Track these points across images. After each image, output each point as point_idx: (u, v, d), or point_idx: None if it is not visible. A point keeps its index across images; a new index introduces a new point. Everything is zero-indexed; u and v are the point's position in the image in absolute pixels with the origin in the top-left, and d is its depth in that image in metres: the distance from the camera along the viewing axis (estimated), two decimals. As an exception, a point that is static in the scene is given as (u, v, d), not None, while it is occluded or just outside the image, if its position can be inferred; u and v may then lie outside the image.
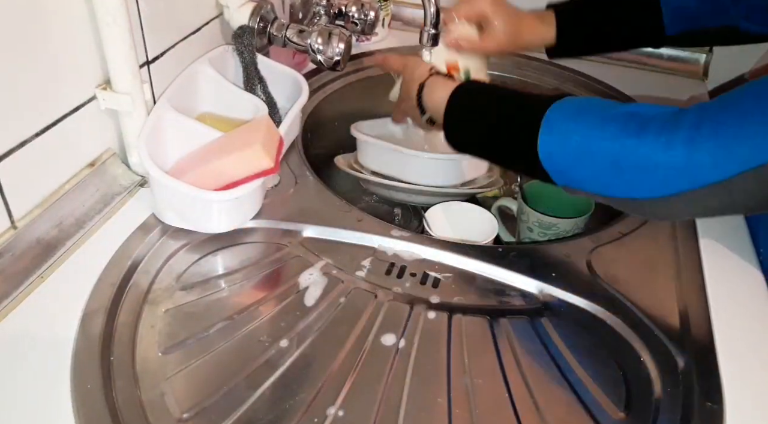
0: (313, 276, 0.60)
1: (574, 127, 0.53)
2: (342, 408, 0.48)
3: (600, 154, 0.51)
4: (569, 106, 0.55)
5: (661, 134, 0.48)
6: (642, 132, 0.49)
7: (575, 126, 0.53)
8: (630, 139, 0.49)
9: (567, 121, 0.54)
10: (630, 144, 0.49)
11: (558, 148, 0.53)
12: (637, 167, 0.49)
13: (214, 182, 0.60)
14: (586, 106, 0.55)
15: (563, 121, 0.54)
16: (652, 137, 0.48)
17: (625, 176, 0.50)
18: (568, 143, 0.53)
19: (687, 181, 0.47)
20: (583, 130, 0.52)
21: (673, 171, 0.47)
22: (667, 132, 0.48)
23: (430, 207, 0.79)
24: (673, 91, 1.00)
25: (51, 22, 0.54)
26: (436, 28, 0.75)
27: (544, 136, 0.54)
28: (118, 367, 0.50)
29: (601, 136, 0.51)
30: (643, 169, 0.49)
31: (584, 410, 0.49)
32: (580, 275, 0.61)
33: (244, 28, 0.76)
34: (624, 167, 0.50)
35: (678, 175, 0.47)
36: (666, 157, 0.47)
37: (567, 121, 0.54)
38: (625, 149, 0.49)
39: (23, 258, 0.55)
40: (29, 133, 0.55)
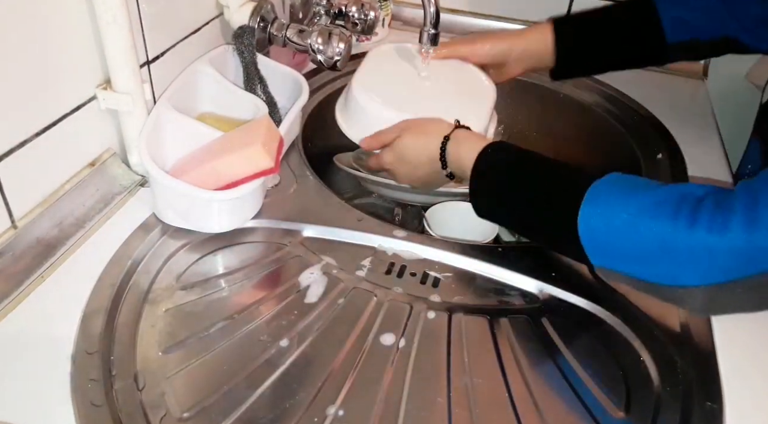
0: (313, 276, 0.60)
1: (621, 203, 0.49)
2: (342, 408, 0.48)
3: (649, 235, 0.47)
4: (616, 181, 0.51)
5: (716, 216, 0.45)
6: (696, 213, 0.46)
7: (623, 202, 0.49)
8: (683, 220, 0.46)
9: (614, 196, 0.50)
10: (683, 225, 0.46)
11: (601, 223, 0.49)
12: (691, 251, 0.45)
13: (214, 182, 0.60)
14: (633, 183, 0.51)
15: (610, 196, 0.50)
16: (707, 219, 0.45)
17: (675, 260, 0.46)
18: (613, 219, 0.49)
19: (747, 265, 0.44)
20: (632, 208, 0.48)
21: (731, 255, 0.44)
22: (723, 213, 0.45)
23: (430, 207, 0.79)
24: (673, 91, 1.00)
25: (51, 22, 0.54)
26: (436, 28, 0.75)
27: (587, 208, 0.50)
28: (119, 366, 0.50)
29: (652, 215, 0.47)
30: (697, 253, 0.45)
31: (584, 410, 0.49)
32: (580, 275, 0.61)
33: (245, 28, 0.76)
34: (675, 250, 0.46)
35: (736, 260, 0.44)
36: (722, 242, 0.44)
37: (614, 196, 0.50)
38: (678, 231, 0.46)
39: (23, 258, 0.55)
40: (29, 132, 0.55)
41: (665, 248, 0.47)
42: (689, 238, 0.45)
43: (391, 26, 1.12)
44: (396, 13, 1.15)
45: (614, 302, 0.58)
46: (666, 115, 0.91)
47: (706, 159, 0.83)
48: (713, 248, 0.44)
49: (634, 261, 0.49)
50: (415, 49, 0.80)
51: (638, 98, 0.95)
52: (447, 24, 1.11)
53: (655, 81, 1.04)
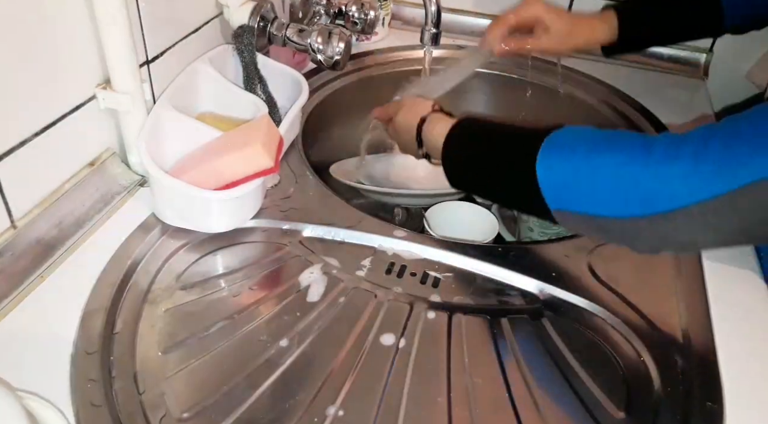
0: (313, 275, 0.60)
1: (575, 145, 0.51)
2: (342, 408, 0.48)
3: (602, 169, 0.49)
4: (571, 130, 0.54)
5: (668, 148, 0.47)
6: (649, 147, 0.48)
7: (577, 144, 0.51)
8: (636, 153, 0.48)
9: (571, 138, 0.52)
10: (635, 157, 0.48)
11: (559, 162, 0.51)
12: (640, 181, 0.47)
13: (214, 182, 0.60)
14: (588, 130, 0.53)
15: (567, 138, 0.53)
16: (659, 152, 0.47)
17: (626, 192, 0.48)
18: (571, 157, 0.51)
19: (691, 192, 0.45)
20: (585, 146, 0.51)
21: (677, 182, 0.45)
22: (674, 147, 0.46)
23: (430, 207, 0.79)
24: (674, 90, 1.00)
25: (51, 22, 0.54)
26: (437, 28, 0.75)
27: (544, 151, 0.52)
28: (118, 366, 0.50)
29: (605, 149, 0.50)
30: (646, 183, 0.47)
31: (584, 410, 0.49)
32: (580, 274, 0.61)
33: (244, 27, 0.75)
34: (626, 181, 0.48)
35: (682, 185, 0.45)
36: (671, 169, 0.46)
37: (571, 137, 0.52)
38: (629, 163, 0.48)
39: (23, 258, 0.55)
40: (29, 132, 0.55)
41: (619, 178, 0.48)
42: (640, 168, 0.47)
43: (391, 26, 1.12)
44: (396, 12, 1.14)
45: (614, 302, 0.58)
46: (666, 115, 0.91)
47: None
48: (660, 175, 0.46)
49: (589, 197, 0.50)
50: None
51: (638, 97, 0.95)
52: (448, 23, 1.11)
53: (655, 80, 1.04)
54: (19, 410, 0.40)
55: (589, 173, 0.50)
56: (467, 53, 0.82)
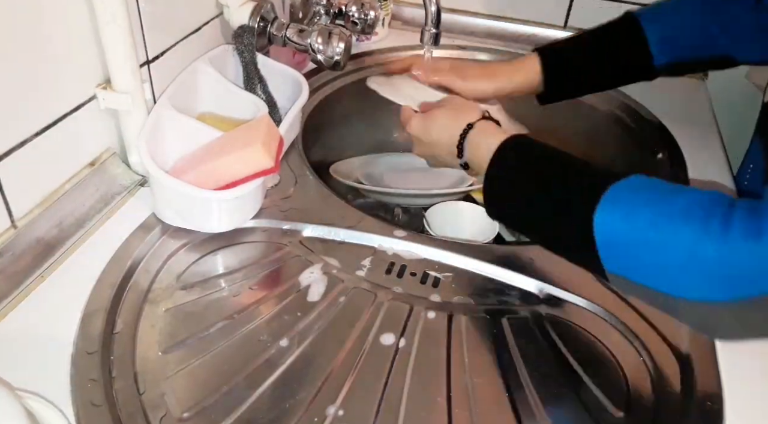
0: (313, 275, 0.60)
1: (644, 203, 0.44)
2: (342, 407, 0.48)
3: (675, 240, 0.42)
4: (640, 183, 0.46)
5: (751, 221, 0.40)
6: (729, 218, 0.41)
7: (646, 202, 0.44)
8: (715, 225, 0.41)
9: (636, 196, 0.45)
10: (715, 230, 0.40)
11: (620, 224, 0.44)
12: (723, 260, 0.40)
13: (214, 182, 0.60)
14: (658, 185, 0.46)
15: (632, 195, 0.45)
16: (742, 225, 0.40)
17: (704, 271, 0.41)
18: (635, 221, 0.44)
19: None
20: (657, 208, 0.43)
21: (766, 265, 0.39)
22: (755, 220, 0.40)
23: (430, 207, 0.79)
24: (673, 90, 1.00)
25: (51, 22, 0.54)
26: (437, 28, 0.75)
27: (605, 206, 0.45)
28: (119, 366, 0.50)
29: (680, 217, 0.42)
30: (730, 262, 0.40)
31: (584, 409, 0.49)
32: (580, 274, 0.61)
33: (244, 27, 0.76)
34: (705, 259, 0.40)
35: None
36: (759, 249, 0.39)
37: (637, 196, 0.45)
38: (711, 237, 0.40)
39: (23, 258, 0.55)
40: (29, 132, 0.55)
41: (693, 255, 0.41)
42: (722, 244, 0.40)
43: (391, 26, 1.12)
44: (396, 12, 1.14)
45: (614, 302, 0.58)
46: (666, 115, 0.91)
47: (707, 159, 0.83)
48: (747, 255, 0.39)
49: (655, 270, 0.43)
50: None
51: (638, 98, 0.95)
52: (448, 24, 1.11)
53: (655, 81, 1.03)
54: (20, 409, 0.40)
55: (660, 245, 0.42)
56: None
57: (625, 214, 0.44)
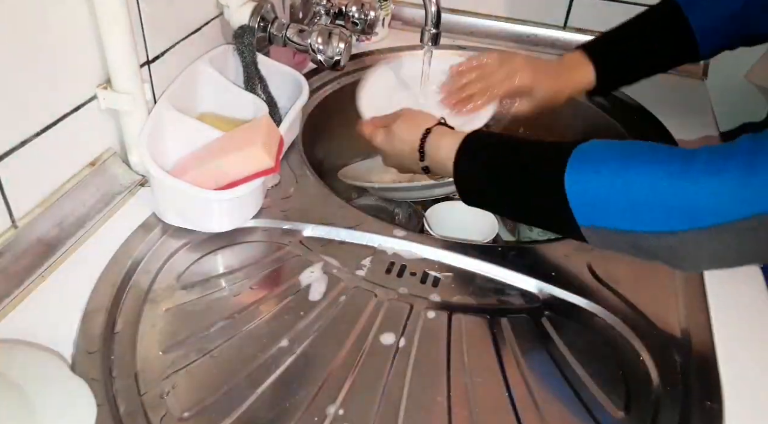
0: (313, 275, 0.60)
1: (606, 157, 0.49)
2: (342, 407, 0.48)
3: (639, 182, 0.46)
4: (599, 142, 0.51)
5: (710, 161, 0.44)
6: (689, 159, 0.45)
7: (608, 157, 0.48)
8: (674, 166, 0.45)
9: (601, 151, 0.49)
10: (674, 170, 0.45)
11: (589, 176, 0.48)
12: (683, 194, 0.44)
13: (214, 182, 0.60)
14: (617, 142, 0.50)
15: (596, 151, 0.50)
16: (701, 164, 0.44)
17: (667, 206, 0.45)
18: (602, 170, 0.48)
19: (741, 206, 0.42)
20: (618, 159, 0.48)
21: (725, 195, 0.42)
22: (719, 158, 0.43)
23: (430, 207, 0.79)
24: (673, 90, 1.00)
25: (51, 22, 0.54)
26: (437, 28, 0.75)
27: (573, 165, 0.49)
28: (119, 366, 0.50)
29: (640, 161, 0.47)
30: (690, 196, 0.44)
31: (584, 409, 0.49)
32: (580, 274, 0.61)
33: (245, 27, 0.76)
34: (667, 194, 0.45)
35: (731, 199, 0.42)
36: (718, 182, 0.43)
37: (601, 150, 0.50)
38: (669, 176, 0.45)
39: (24, 257, 0.55)
40: (30, 132, 0.55)
41: (656, 191, 0.45)
42: (682, 179, 0.44)
43: (391, 26, 1.12)
44: (396, 12, 1.15)
45: (614, 302, 0.58)
46: (666, 115, 0.91)
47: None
48: (706, 187, 0.43)
49: (625, 212, 0.47)
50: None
51: (638, 98, 0.95)
52: (448, 24, 1.11)
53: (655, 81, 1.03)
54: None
55: (625, 187, 0.47)
56: None
57: (592, 168, 0.48)
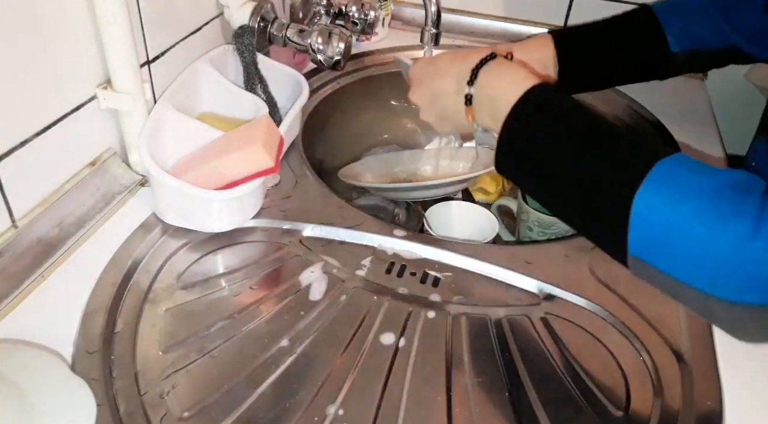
0: (313, 275, 0.60)
1: (692, 186, 0.41)
2: (342, 407, 0.48)
3: (720, 238, 0.39)
4: (687, 162, 0.43)
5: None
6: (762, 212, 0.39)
7: (693, 188, 0.41)
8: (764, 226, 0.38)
9: (684, 178, 0.42)
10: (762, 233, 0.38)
11: (664, 209, 0.41)
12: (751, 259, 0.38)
13: (214, 181, 0.60)
14: (706, 169, 0.43)
15: (680, 176, 0.42)
16: None
17: (741, 274, 0.39)
18: (680, 208, 0.40)
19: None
20: (704, 198, 0.40)
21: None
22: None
23: (430, 207, 0.79)
24: (673, 90, 1.00)
25: (51, 22, 0.54)
26: (437, 28, 0.75)
27: (650, 186, 0.41)
28: (119, 366, 0.50)
29: (729, 212, 0.39)
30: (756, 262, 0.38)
31: (584, 409, 0.49)
32: (580, 274, 0.61)
33: (245, 27, 0.76)
34: (746, 262, 0.38)
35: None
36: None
37: (684, 177, 0.42)
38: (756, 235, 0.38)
39: (24, 257, 0.55)
40: (30, 132, 0.55)
41: (738, 255, 0.39)
42: (753, 241, 0.38)
43: (391, 26, 1.12)
44: (396, 12, 1.15)
45: (614, 302, 0.58)
46: (666, 115, 0.91)
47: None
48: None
49: (691, 263, 0.40)
50: None
51: (638, 98, 0.96)
52: (448, 24, 1.11)
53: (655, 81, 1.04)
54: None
55: (702, 236, 0.39)
56: None
57: (671, 198, 0.41)
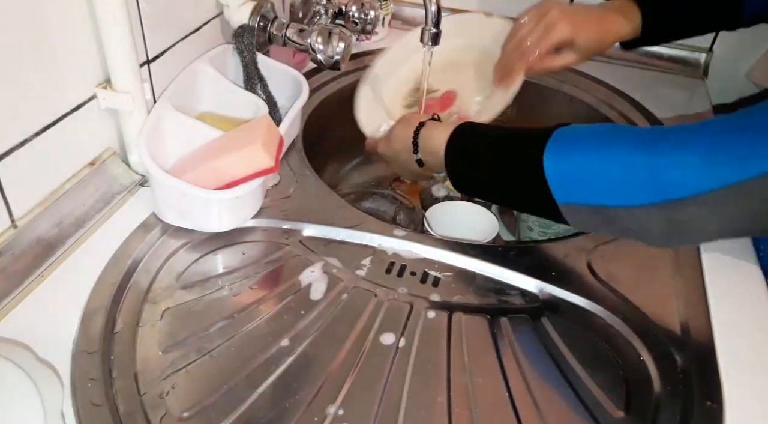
0: (313, 275, 0.60)
1: (584, 137, 0.52)
2: (342, 407, 0.48)
3: (613, 158, 0.49)
4: (578, 126, 0.54)
5: (682, 137, 0.47)
6: (661, 136, 0.48)
7: (585, 137, 0.52)
8: (647, 142, 0.48)
9: (577, 133, 0.53)
10: (647, 145, 0.48)
11: (566, 156, 0.52)
12: (653, 168, 0.47)
13: (214, 181, 0.60)
14: (595, 125, 0.54)
15: (573, 133, 0.53)
16: (673, 140, 0.47)
17: (637, 180, 0.48)
18: (576, 151, 0.51)
19: (704, 180, 0.45)
20: (595, 138, 0.51)
21: (691, 170, 0.45)
22: (690, 135, 0.46)
23: (430, 207, 0.79)
24: (673, 90, 1.00)
25: (51, 21, 0.54)
26: (437, 27, 0.75)
27: (551, 147, 0.52)
28: (119, 366, 0.50)
29: (615, 139, 0.50)
30: (659, 170, 0.47)
31: (584, 409, 0.49)
32: (580, 274, 0.61)
33: (245, 27, 0.76)
34: (638, 169, 0.47)
35: (696, 174, 0.45)
36: (686, 157, 0.45)
37: (576, 133, 0.53)
38: (641, 151, 0.48)
39: (23, 257, 0.55)
40: (30, 132, 0.55)
41: (627, 165, 0.48)
42: (652, 154, 0.47)
43: (392, 26, 1.12)
44: (396, 12, 1.15)
45: (614, 302, 0.58)
46: (666, 115, 0.91)
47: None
48: (673, 161, 0.46)
49: (599, 187, 0.50)
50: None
51: (638, 97, 0.96)
52: (447, 23, 1.10)
53: (655, 80, 1.04)
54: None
55: (599, 163, 0.49)
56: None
57: (571, 146, 0.51)
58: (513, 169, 0.56)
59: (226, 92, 0.73)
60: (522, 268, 0.61)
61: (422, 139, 0.66)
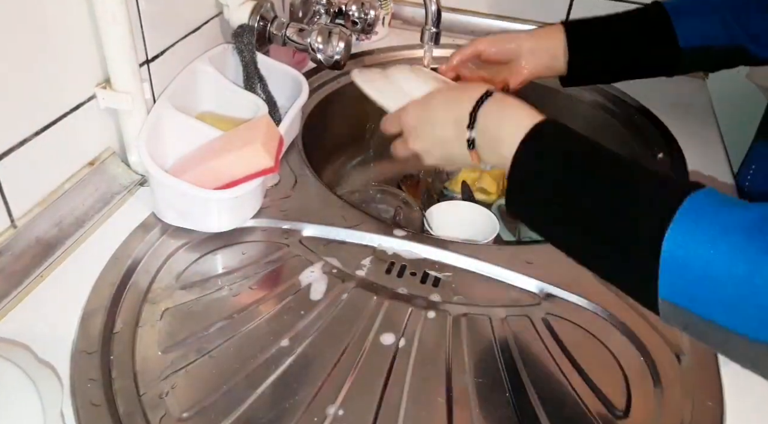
0: (313, 275, 0.60)
1: (731, 226, 0.37)
2: (342, 407, 0.48)
3: (753, 271, 0.35)
4: (719, 198, 0.39)
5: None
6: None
7: (727, 225, 0.37)
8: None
9: (722, 216, 0.38)
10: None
11: (699, 249, 0.37)
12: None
13: (214, 181, 0.60)
14: (741, 204, 0.39)
15: (715, 214, 0.38)
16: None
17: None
18: (713, 245, 0.37)
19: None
20: (738, 233, 0.37)
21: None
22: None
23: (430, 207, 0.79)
24: (674, 90, 1.00)
25: (51, 21, 0.54)
26: (437, 27, 0.75)
27: (682, 224, 0.38)
28: (118, 366, 0.50)
29: (763, 243, 0.36)
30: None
31: (584, 409, 0.49)
32: (580, 274, 0.61)
33: (244, 26, 0.75)
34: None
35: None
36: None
37: (722, 214, 0.38)
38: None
39: (23, 257, 0.55)
40: (29, 132, 0.55)
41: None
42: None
43: (392, 25, 1.12)
44: (396, 11, 1.14)
45: (614, 302, 0.58)
46: (667, 115, 0.91)
47: (707, 159, 0.83)
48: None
49: (735, 307, 0.37)
50: None
51: (639, 98, 0.95)
52: (448, 23, 1.11)
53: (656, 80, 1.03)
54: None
55: (744, 277, 0.36)
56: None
57: (706, 235, 0.37)
58: (613, 229, 0.42)
59: (226, 92, 0.73)
60: (522, 268, 0.61)
61: (485, 116, 0.51)
